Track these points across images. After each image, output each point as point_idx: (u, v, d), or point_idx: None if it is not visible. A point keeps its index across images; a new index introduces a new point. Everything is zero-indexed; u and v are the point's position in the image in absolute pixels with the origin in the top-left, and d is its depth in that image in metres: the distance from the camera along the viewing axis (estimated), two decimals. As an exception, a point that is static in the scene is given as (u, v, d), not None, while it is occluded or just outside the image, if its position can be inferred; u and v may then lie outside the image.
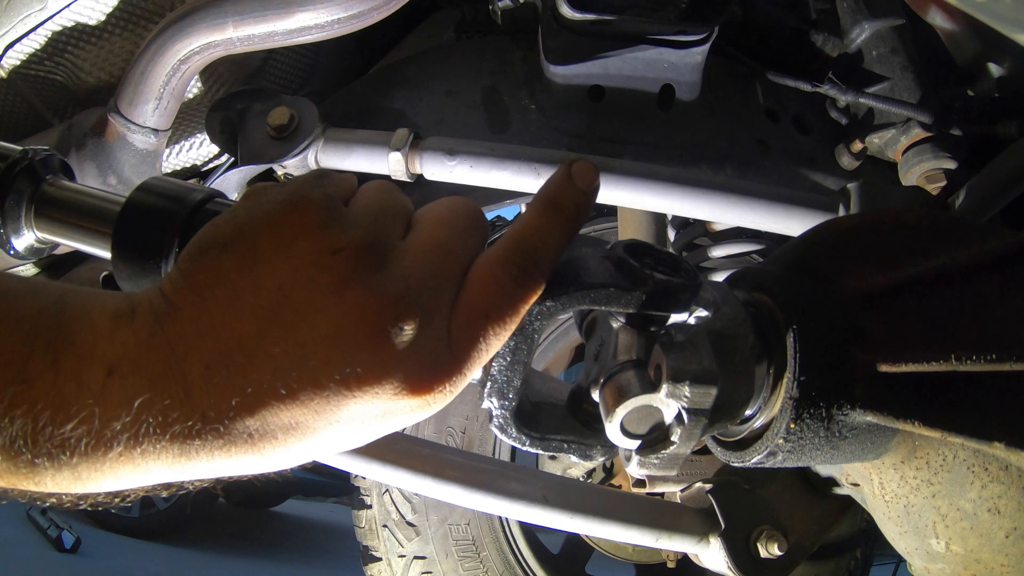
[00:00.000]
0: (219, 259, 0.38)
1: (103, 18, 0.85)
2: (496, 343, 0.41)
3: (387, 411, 0.38)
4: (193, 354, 0.36)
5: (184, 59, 0.89)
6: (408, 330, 0.37)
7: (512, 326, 0.41)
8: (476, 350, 0.40)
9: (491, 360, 0.43)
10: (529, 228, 0.43)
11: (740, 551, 0.84)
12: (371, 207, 0.42)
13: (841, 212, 0.87)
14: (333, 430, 0.38)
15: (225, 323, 0.36)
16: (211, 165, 1.11)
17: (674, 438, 0.44)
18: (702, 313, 0.46)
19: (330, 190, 0.41)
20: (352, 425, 0.38)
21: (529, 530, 1.87)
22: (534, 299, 0.42)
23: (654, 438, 0.44)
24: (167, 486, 0.39)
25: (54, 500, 0.39)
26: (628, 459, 0.47)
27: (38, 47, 0.83)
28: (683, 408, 0.43)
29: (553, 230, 0.43)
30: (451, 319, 0.40)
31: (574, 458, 0.50)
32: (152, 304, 0.37)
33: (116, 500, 0.40)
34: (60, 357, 0.35)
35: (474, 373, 0.41)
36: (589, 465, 1.74)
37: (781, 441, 0.47)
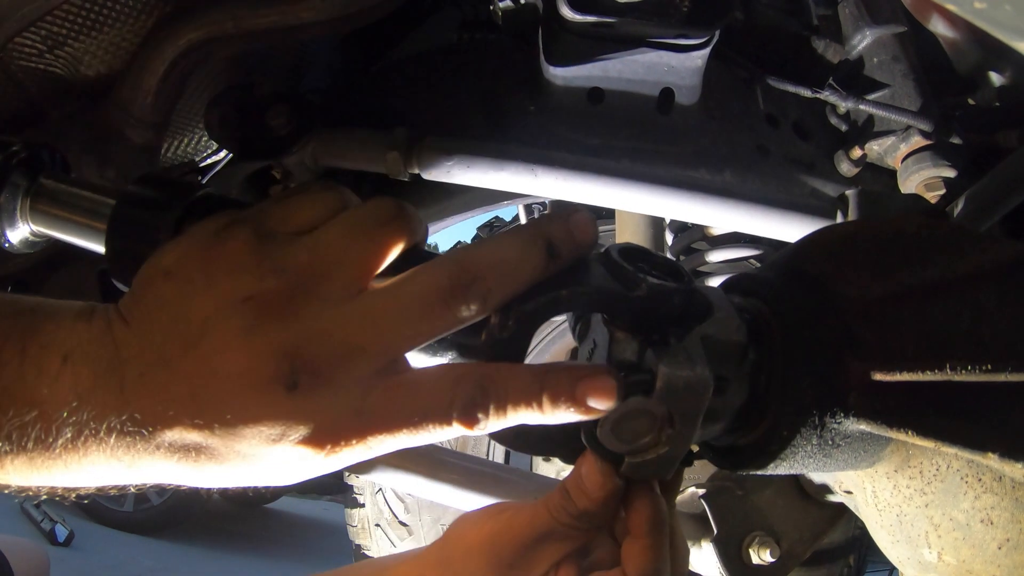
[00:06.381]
0: (163, 287, 0.41)
1: (104, 11, 0.84)
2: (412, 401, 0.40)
3: (297, 457, 0.39)
4: (133, 359, 0.39)
5: (183, 54, 0.89)
6: (303, 384, 0.38)
7: (424, 332, 0.40)
8: (389, 414, 0.40)
9: None
10: (489, 247, 0.41)
11: (732, 557, 0.83)
12: (316, 248, 0.41)
13: (839, 218, 0.87)
14: (241, 463, 0.39)
15: (162, 342, 0.39)
16: (209, 161, 1.11)
17: (666, 443, 0.43)
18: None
19: (268, 224, 0.42)
20: (262, 461, 0.39)
21: (523, 531, 1.86)
22: (448, 325, 0.40)
23: (646, 443, 0.44)
24: (121, 485, 0.42)
25: (12, 488, 0.42)
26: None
27: (39, 40, 0.82)
28: (676, 413, 0.43)
29: (516, 255, 0.41)
30: (373, 383, 0.39)
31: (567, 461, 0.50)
32: (108, 310, 0.41)
33: (73, 496, 0.43)
34: (27, 346, 0.39)
35: (383, 447, 0.40)
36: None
37: (774, 448, 0.47)
